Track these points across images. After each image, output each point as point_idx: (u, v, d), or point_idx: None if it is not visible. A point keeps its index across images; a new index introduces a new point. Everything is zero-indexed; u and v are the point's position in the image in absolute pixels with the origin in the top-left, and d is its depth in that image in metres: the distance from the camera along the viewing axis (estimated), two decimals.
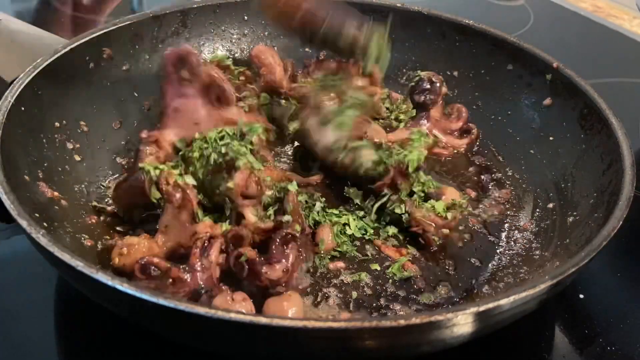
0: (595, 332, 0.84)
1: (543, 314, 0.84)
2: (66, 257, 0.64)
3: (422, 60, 1.22)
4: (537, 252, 0.90)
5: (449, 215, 0.91)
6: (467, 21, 1.17)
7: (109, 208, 0.92)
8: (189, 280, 0.78)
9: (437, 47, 1.22)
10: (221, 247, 0.82)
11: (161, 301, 0.59)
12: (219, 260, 0.81)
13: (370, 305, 0.82)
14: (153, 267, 0.78)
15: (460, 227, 0.96)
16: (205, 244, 0.81)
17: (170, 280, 0.77)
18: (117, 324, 0.77)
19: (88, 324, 0.81)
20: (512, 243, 0.94)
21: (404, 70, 1.26)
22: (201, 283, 0.78)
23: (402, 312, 0.81)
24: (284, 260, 0.80)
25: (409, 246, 0.92)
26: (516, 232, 0.96)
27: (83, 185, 0.95)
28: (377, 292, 0.84)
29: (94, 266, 0.63)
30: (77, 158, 0.96)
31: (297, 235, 0.82)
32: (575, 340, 0.83)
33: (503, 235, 0.96)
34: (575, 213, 0.89)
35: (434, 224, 0.91)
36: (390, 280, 0.86)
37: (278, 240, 0.81)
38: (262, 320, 0.58)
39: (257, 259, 0.79)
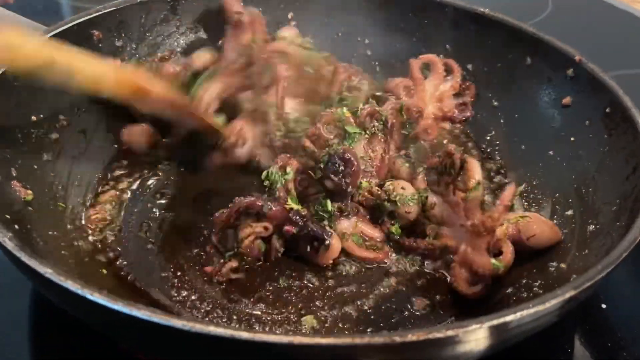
0: (618, 345, 0.82)
1: (561, 325, 0.79)
2: (34, 263, 0.62)
3: (434, 53, 1.18)
4: (553, 264, 0.84)
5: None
6: (482, 9, 1.13)
7: (94, 222, 0.91)
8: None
9: (450, 38, 1.19)
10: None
11: (134, 312, 0.56)
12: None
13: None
14: None
15: None
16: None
17: None
18: (93, 336, 0.74)
19: (63, 335, 0.79)
20: (526, 254, 0.88)
21: None
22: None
23: None
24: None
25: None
26: None
27: (60, 185, 0.91)
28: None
29: (64, 274, 0.60)
30: (55, 155, 0.92)
31: None
32: (597, 353, 0.81)
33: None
34: (595, 221, 0.85)
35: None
36: None
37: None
38: (244, 335, 0.54)
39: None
